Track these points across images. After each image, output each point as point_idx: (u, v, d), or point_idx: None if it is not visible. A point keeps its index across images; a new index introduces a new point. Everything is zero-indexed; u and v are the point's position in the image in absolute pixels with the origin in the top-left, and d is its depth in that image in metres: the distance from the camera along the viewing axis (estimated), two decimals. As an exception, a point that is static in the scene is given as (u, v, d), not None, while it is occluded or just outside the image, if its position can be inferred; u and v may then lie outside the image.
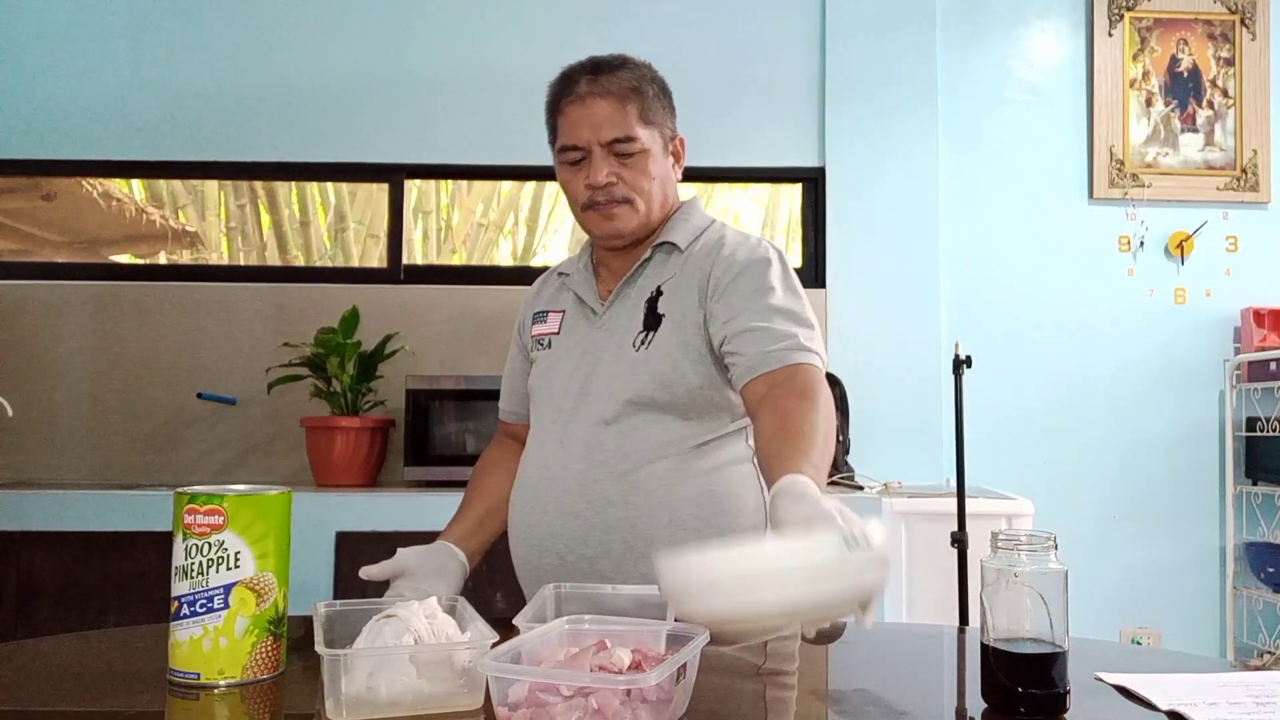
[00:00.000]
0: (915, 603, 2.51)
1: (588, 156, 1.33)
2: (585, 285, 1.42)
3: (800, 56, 3.20)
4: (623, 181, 1.33)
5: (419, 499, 2.58)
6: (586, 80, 1.33)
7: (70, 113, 3.14)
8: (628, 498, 1.27)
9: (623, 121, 1.32)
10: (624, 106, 1.33)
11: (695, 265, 1.35)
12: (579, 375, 1.35)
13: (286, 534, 0.99)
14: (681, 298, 1.33)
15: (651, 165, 1.35)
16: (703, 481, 1.29)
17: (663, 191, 1.39)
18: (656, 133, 1.36)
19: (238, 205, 3.38)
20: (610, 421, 1.30)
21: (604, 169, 1.32)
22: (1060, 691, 0.85)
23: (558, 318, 1.44)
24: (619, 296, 1.38)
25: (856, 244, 3.12)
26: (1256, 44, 3.22)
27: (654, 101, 1.36)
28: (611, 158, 1.33)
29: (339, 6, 3.19)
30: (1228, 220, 3.19)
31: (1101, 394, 3.15)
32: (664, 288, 1.35)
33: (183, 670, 0.93)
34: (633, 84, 1.34)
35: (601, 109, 1.32)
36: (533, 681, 0.77)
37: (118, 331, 3.08)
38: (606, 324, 1.37)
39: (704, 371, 1.30)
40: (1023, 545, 0.87)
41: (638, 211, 1.35)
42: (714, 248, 1.36)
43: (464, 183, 3.39)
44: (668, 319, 1.33)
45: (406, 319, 3.07)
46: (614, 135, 1.32)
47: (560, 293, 1.48)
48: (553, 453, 1.34)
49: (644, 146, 1.34)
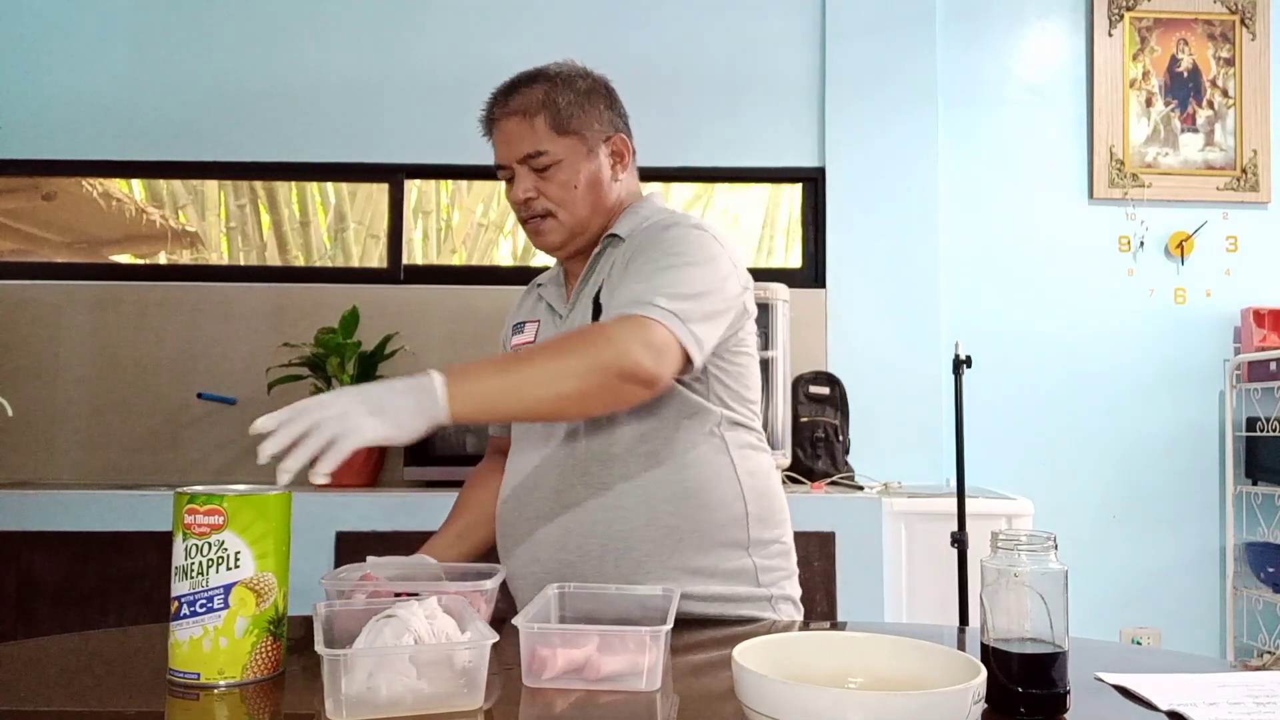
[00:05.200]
0: (915, 603, 2.51)
1: (514, 175, 1.37)
2: (555, 293, 1.45)
3: (800, 56, 3.20)
4: (543, 195, 1.35)
5: (419, 499, 2.58)
6: (498, 105, 1.37)
7: (70, 113, 3.14)
8: (600, 498, 1.27)
9: (530, 137, 1.34)
10: (531, 121, 1.34)
11: (630, 250, 1.33)
12: None
13: (286, 534, 1.00)
14: (615, 285, 1.31)
15: (569, 174, 1.35)
16: (678, 479, 1.28)
17: (593, 195, 1.37)
18: (577, 139, 1.35)
19: (238, 205, 3.38)
20: (578, 423, 1.30)
21: (521, 185, 1.35)
22: (1060, 692, 0.85)
23: (534, 327, 1.46)
24: (577, 298, 1.39)
25: (856, 244, 3.12)
26: (1256, 44, 3.22)
27: (571, 109, 1.35)
28: (531, 173, 1.35)
29: (339, 6, 3.20)
30: (1228, 220, 3.20)
31: (1101, 394, 3.15)
32: (605, 282, 1.35)
33: (183, 670, 0.93)
34: (540, 98, 1.35)
35: (510, 128, 1.35)
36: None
37: (118, 331, 3.08)
38: (568, 325, 1.38)
39: None
40: (1023, 545, 0.87)
41: (562, 223, 1.36)
42: (648, 229, 1.34)
43: (464, 183, 3.39)
44: (606, 309, 1.30)
45: (406, 319, 3.08)
46: (524, 151, 1.34)
47: (537, 303, 1.49)
48: (529, 460, 1.35)
49: (557, 157, 1.34)
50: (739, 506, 1.31)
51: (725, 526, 1.30)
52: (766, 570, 1.33)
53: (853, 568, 2.47)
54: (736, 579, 1.30)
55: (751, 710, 0.76)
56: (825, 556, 2.45)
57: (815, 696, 0.73)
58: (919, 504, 2.56)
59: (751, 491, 1.33)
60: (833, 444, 2.86)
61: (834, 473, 2.82)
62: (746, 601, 1.30)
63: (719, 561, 1.29)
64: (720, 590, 1.28)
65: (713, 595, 1.28)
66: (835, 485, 2.75)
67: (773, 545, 1.35)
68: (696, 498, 1.28)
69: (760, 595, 1.32)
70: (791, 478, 2.78)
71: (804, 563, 1.50)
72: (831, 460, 2.85)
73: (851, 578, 2.46)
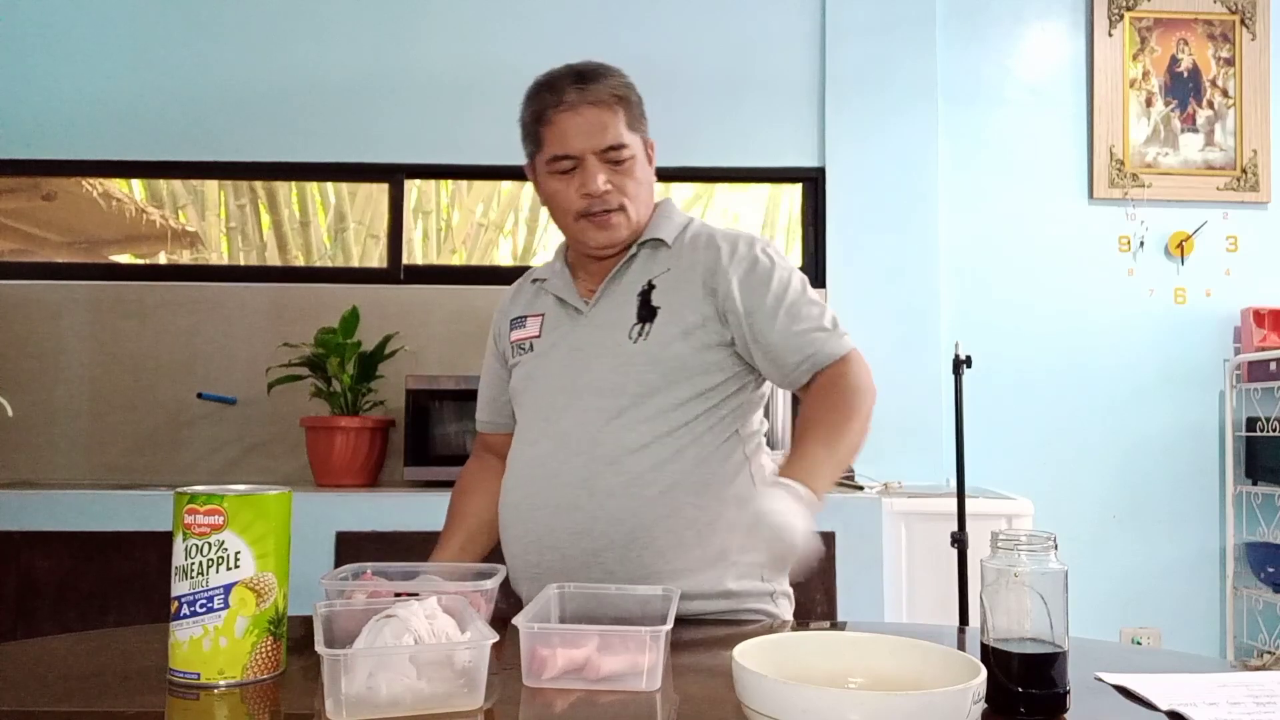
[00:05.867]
0: (915, 603, 2.51)
1: (579, 165, 1.34)
2: (565, 287, 1.43)
3: (800, 56, 3.20)
4: (617, 189, 1.35)
5: (419, 499, 2.58)
6: (575, 89, 1.33)
7: (70, 113, 3.14)
8: (628, 488, 1.28)
9: (613, 129, 1.34)
10: (613, 113, 1.34)
11: (692, 259, 1.37)
12: (570, 373, 1.36)
13: (286, 534, 0.99)
14: (680, 289, 1.35)
15: (642, 171, 1.38)
16: (701, 471, 1.30)
17: (649, 194, 1.41)
18: (641, 138, 1.39)
19: (238, 205, 3.38)
20: (609, 414, 1.31)
21: (600, 176, 1.33)
22: (1060, 692, 0.85)
23: (537, 321, 1.45)
24: (605, 294, 1.39)
25: (856, 244, 3.12)
26: (1256, 44, 3.22)
27: (637, 108, 1.38)
28: (605, 165, 1.34)
29: (339, 6, 3.19)
30: (1228, 220, 3.20)
31: (1101, 394, 3.15)
32: (656, 282, 1.36)
33: (183, 670, 0.93)
34: (619, 91, 1.36)
35: (594, 117, 1.33)
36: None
37: (118, 331, 3.08)
38: (593, 320, 1.38)
39: (702, 359, 1.32)
40: (1023, 545, 0.87)
41: (630, 218, 1.37)
42: (708, 244, 1.39)
43: (464, 183, 3.39)
44: (665, 310, 1.34)
45: (406, 319, 3.07)
46: (608, 143, 1.33)
47: (537, 297, 1.48)
48: (547, 449, 1.34)
49: (634, 153, 1.36)
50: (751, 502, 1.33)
51: (737, 522, 1.31)
52: None
53: (853, 568, 2.47)
54: (745, 574, 1.32)
55: (751, 710, 0.76)
56: (825, 556, 2.45)
57: (815, 696, 0.73)
58: (919, 504, 2.56)
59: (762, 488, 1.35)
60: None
61: (834, 473, 2.81)
62: (751, 596, 1.33)
63: (732, 556, 1.30)
64: (732, 586, 1.31)
65: (724, 591, 1.30)
66: (835, 485, 2.74)
67: None
68: (716, 491, 1.31)
69: (764, 590, 1.34)
70: (791, 478, 2.77)
71: (804, 563, 1.50)
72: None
73: (851, 578, 2.46)
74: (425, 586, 1.11)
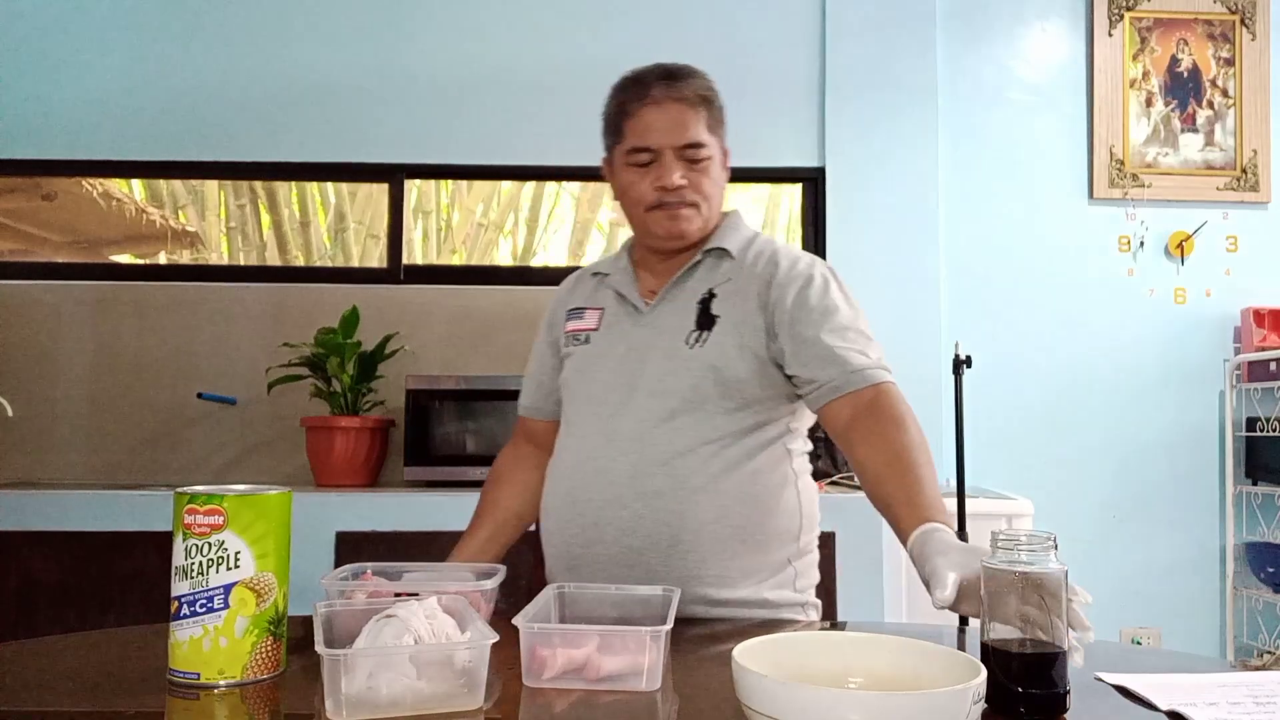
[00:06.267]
0: (915, 602, 2.51)
1: (657, 159, 1.36)
2: (627, 284, 1.44)
3: (800, 56, 3.20)
4: (691, 186, 1.37)
5: (419, 499, 2.58)
6: (662, 85, 1.37)
7: (70, 113, 3.14)
8: (676, 491, 1.29)
9: (695, 127, 1.36)
10: (697, 113, 1.37)
11: (752, 273, 1.38)
12: (625, 371, 1.37)
13: (286, 534, 0.99)
14: (738, 302, 1.36)
15: (717, 172, 1.40)
16: (748, 480, 1.32)
17: (720, 197, 1.43)
18: (718, 142, 1.41)
19: (238, 205, 3.38)
20: (662, 416, 1.32)
21: (676, 171, 1.35)
22: (1060, 692, 0.85)
23: (596, 314, 1.46)
24: (666, 296, 1.40)
25: (856, 244, 3.12)
26: (1256, 44, 3.22)
27: (719, 113, 1.41)
28: (681, 162, 1.36)
29: (339, 6, 3.19)
30: (1228, 220, 3.20)
31: (1101, 394, 3.15)
32: (717, 290, 1.38)
33: (183, 670, 0.93)
34: (704, 93, 1.39)
35: (676, 113, 1.36)
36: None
37: (118, 331, 3.08)
38: (653, 322, 1.39)
39: (756, 372, 1.33)
40: (1022, 545, 0.87)
41: (701, 215, 1.39)
42: (770, 258, 1.40)
43: (464, 183, 3.39)
44: (723, 320, 1.35)
45: (406, 319, 3.07)
46: (687, 140, 1.35)
47: (598, 291, 1.49)
48: (598, 445, 1.34)
49: (711, 154, 1.38)
50: (796, 516, 1.36)
51: (782, 534, 1.34)
52: (802, 575, 1.38)
53: (853, 568, 2.47)
54: (782, 585, 1.34)
55: (751, 710, 0.76)
56: (825, 556, 2.43)
57: (815, 696, 0.73)
58: (919, 504, 2.56)
59: (808, 504, 1.39)
60: (833, 444, 2.86)
61: (834, 472, 2.81)
62: (785, 607, 1.34)
63: (771, 566, 1.33)
64: (769, 596, 1.32)
65: (761, 600, 1.31)
66: (835, 485, 2.75)
67: (808, 555, 1.41)
68: (762, 503, 1.32)
69: (796, 600, 1.36)
70: (791, 478, 2.77)
71: (804, 563, 1.51)
72: (832, 460, 2.85)
73: (851, 578, 2.46)
74: (425, 586, 1.11)
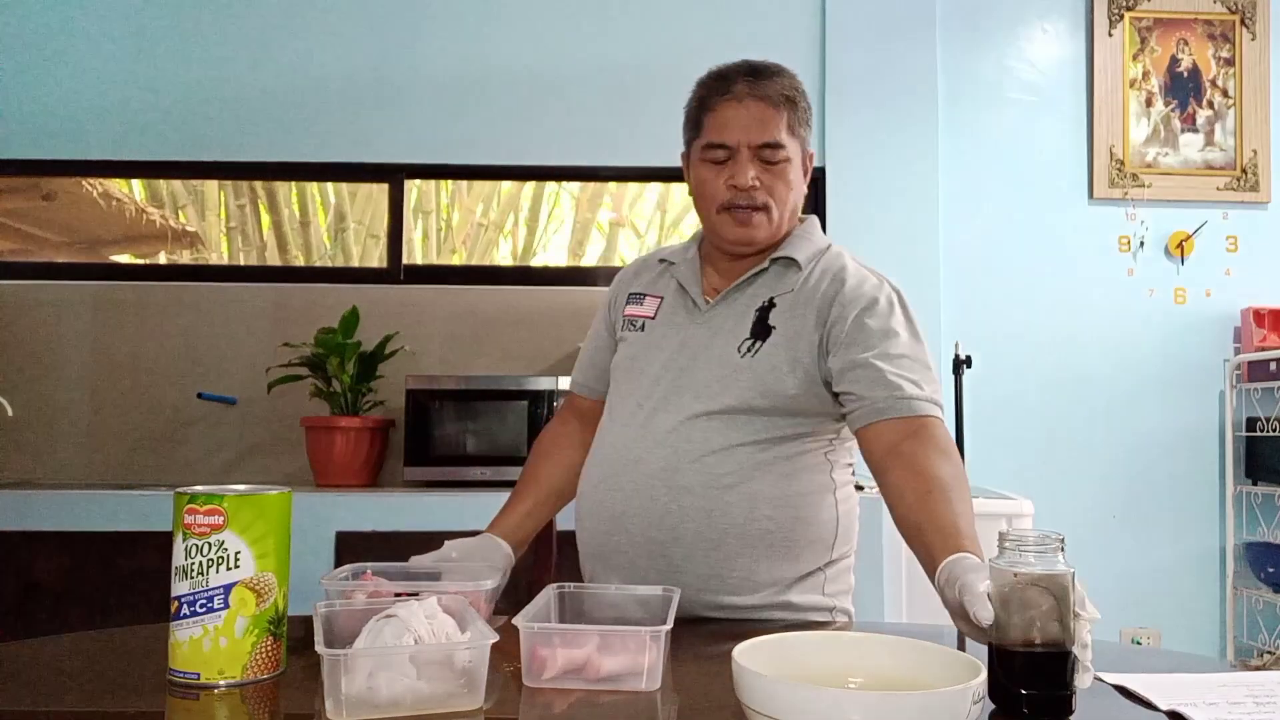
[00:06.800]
0: (916, 602, 2.51)
1: (733, 157, 1.34)
2: (691, 277, 1.42)
3: (800, 56, 3.19)
4: (764, 187, 1.34)
5: (419, 499, 2.58)
6: (745, 81, 1.34)
7: (70, 113, 3.14)
8: (707, 489, 1.28)
9: (774, 127, 1.33)
10: (778, 113, 1.33)
11: (815, 287, 1.35)
12: (674, 367, 1.35)
13: (286, 534, 0.99)
14: (798, 315, 1.33)
15: (794, 175, 1.36)
16: (783, 486, 1.30)
17: (795, 202, 1.39)
18: (799, 145, 1.37)
19: (238, 205, 3.39)
20: (701, 414, 1.30)
21: (750, 171, 1.32)
22: (1066, 693, 0.85)
23: (655, 302, 1.44)
24: (726, 298, 1.38)
25: (857, 244, 3.06)
26: (1256, 44, 3.22)
27: (803, 114, 1.37)
28: (756, 162, 1.33)
29: (339, 6, 3.19)
30: (1228, 220, 3.19)
31: (1101, 394, 3.15)
32: (777, 300, 1.35)
33: (183, 670, 0.93)
34: (788, 93, 1.35)
35: (757, 112, 1.32)
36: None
37: (118, 331, 3.08)
38: (709, 322, 1.37)
39: (806, 388, 1.31)
40: (1029, 545, 0.86)
41: (772, 220, 1.36)
42: (836, 274, 1.36)
43: (464, 183, 3.39)
44: (779, 332, 1.33)
45: (406, 319, 3.08)
46: (764, 140, 1.32)
47: (661, 278, 1.47)
48: (635, 435, 1.33)
49: (789, 155, 1.34)
50: (831, 527, 1.34)
51: (814, 542, 1.33)
52: (833, 580, 1.36)
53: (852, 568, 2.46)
54: (808, 589, 1.33)
55: (751, 710, 0.76)
56: (825, 556, 2.45)
57: (815, 696, 0.73)
58: (919, 504, 2.55)
59: (845, 515, 1.37)
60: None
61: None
62: (811, 610, 1.33)
63: (798, 572, 1.32)
64: (795, 599, 1.31)
65: (785, 603, 1.30)
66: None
67: (842, 561, 1.39)
68: (795, 509, 1.30)
69: (824, 605, 1.34)
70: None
71: (804, 563, 1.50)
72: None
73: (851, 578, 2.46)
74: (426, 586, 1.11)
